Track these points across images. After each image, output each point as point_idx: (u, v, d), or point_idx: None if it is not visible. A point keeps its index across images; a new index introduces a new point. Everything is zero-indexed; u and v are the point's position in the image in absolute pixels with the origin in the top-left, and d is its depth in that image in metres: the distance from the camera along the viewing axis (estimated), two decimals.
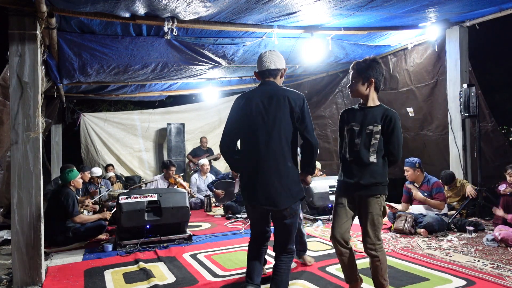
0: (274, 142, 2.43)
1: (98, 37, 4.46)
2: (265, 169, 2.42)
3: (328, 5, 4.13)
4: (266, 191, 2.42)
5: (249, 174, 2.50)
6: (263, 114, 2.46)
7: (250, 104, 2.50)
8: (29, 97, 3.37)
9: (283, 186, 2.42)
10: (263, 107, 2.46)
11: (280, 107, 2.44)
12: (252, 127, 2.47)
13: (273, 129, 2.43)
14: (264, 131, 2.44)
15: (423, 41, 6.28)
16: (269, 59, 2.56)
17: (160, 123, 9.98)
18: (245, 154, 2.53)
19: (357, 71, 2.61)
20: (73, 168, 4.91)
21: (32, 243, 3.35)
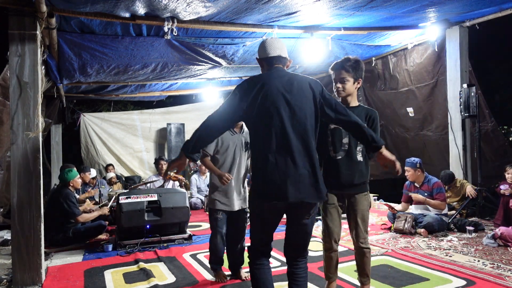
0: (303, 130, 2.13)
1: (98, 37, 4.46)
2: (295, 160, 2.08)
3: (328, 5, 4.13)
4: (297, 184, 2.06)
5: (273, 166, 2.08)
6: (288, 99, 2.13)
7: (270, 89, 2.14)
8: (29, 97, 3.37)
9: (314, 179, 2.12)
10: (286, 92, 2.15)
11: (304, 92, 2.18)
12: (274, 114, 2.11)
13: (300, 116, 2.13)
14: (290, 118, 2.12)
15: (423, 41, 6.28)
16: (279, 46, 2.32)
17: (160, 123, 9.98)
18: (266, 144, 2.10)
19: (348, 71, 2.63)
20: (72, 168, 4.91)
21: (32, 243, 3.35)
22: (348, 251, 4.04)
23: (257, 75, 2.28)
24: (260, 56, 2.34)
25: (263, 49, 2.32)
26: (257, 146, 2.18)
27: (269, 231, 2.28)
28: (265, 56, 2.31)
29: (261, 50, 2.33)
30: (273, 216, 2.22)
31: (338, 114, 2.23)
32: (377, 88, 7.34)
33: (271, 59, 2.29)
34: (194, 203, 7.23)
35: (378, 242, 4.36)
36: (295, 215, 2.19)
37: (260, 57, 2.34)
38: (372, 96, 7.52)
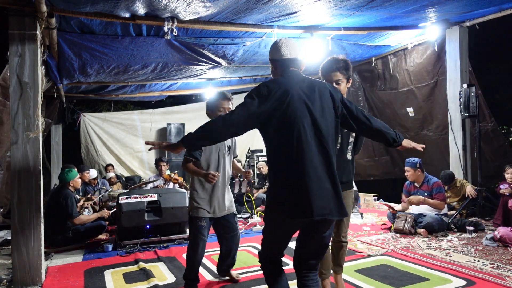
0: (325, 142, 1.99)
1: (98, 37, 4.46)
2: (318, 174, 1.93)
3: (328, 5, 4.13)
4: (321, 200, 1.91)
5: (296, 180, 1.92)
6: (310, 108, 1.99)
7: (292, 97, 1.98)
8: (29, 97, 3.37)
9: (336, 194, 1.98)
10: (308, 100, 2.01)
11: (325, 101, 2.05)
12: (297, 125, 1.96)
13: (322, 127, 2.00)
14: (312, 129, 1.98)
15: (423, 41, 6.28)
16: (295, 47, 2.17)
17: (160, 123, 9.98)
18: (288, 156, 1.95)
19: (341, 72, 2.61)
20: (72, 168, 4.91)
21: (32, 243, 3.35)
22: (348, 251, 4.03)
23: (276, 80, 2.09)
24: (273, 57, 2.18)
25: (277, 50, 2.16)
26: (277, 158, 2.00)
27: (287, 242, 2.15)
28: (279, 58, 2.15)
29: (274, 51, 2.17)
30: (293, 229, 2.08)
31: (361, 124, 2.15)
32: (377, 88, 7.34)
33: (287, 61, 2.14)
34: None
35: (378, 242, 4.36)
36: (316, 228, 2.02)
37: (274, 58, 2.17)
38: (372, 96, 7.51)
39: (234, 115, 1.98)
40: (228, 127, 1.99)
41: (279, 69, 2.16)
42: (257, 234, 4.99)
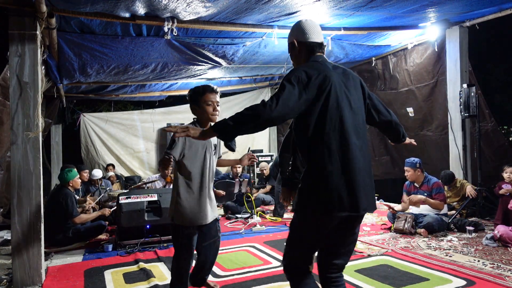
0: (362, 134, 1.90)
1: (98, 37, 4.46)
2: (360, 165, 1.84)
3: (328, 5, 4.13)
4: (365, 193, 1.83)
5: (341, 171, 1.80)
6: (349, 98, 1.88)
7: (334, 84, 1.84)
8: (29, 97, 3.37)
9: (372, 188, 1.92)
10: (346, 89, 1.89)
11: (358, 88, 1.96)
12: (339, 115, 1.83)
13: (358, 118, 1.90)
14: (352, 120, 1.86)
15: (423, 41, 6.28)
16: (320, 31, 2.02)
17: (160, 123, 9.98)
18: (332, 149, 1.80)
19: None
20: (72, 168, 4.91)
21: (32, 243, 3.35)
22: None
23: (311, 65, 1.90)
24: (298, 38, 1.98)
25: (303, 31, 1.98)
26: (318, 150, 1.81)
27: (320, 246, 1.94)
28: (306, 40, 1.97)
29: (299, 32, 1.99)
30: (328, 229, 1.86)
31: (382, 115, 2.07)
32: (377, 88, 7.34)
33: (314, 44, 1.97)
34: None
35: (378, 242, 4.36)
36: (351, 225, 1.90)
37: (299, 39, 1.98)
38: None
39: (279, 103, 1.73)
40: (272, 118, 1.74)
41: (304, 53, 1.99)
42: (257, 234, 4.99)
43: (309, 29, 1.98)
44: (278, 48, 5.39)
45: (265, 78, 8.63)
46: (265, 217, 6.05)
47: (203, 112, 2.62)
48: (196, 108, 2.65)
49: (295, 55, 2.04)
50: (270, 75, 8.27)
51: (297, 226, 1.91)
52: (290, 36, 2.04)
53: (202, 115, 2.64)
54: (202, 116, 2.65)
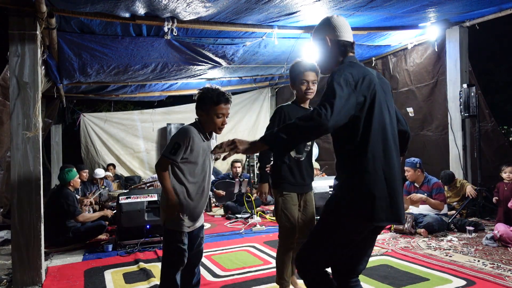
0: (397, 136, 1.85)
1: (98, 37, 4.46)
2: (398, 174, 1.81)
3: (328, 5, 4.13)
4: (402, 202, 1.81)
5: (385, 180, 1.73)
6: (386, 100, 1.81)
7: (377, 87, 1.76)
8: (29, 97, 3.37)
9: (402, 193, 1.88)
10: (383, 90, 1.81)
11: (390, 92, 1.89)
12: (382, 120, 1.75)
13: (394, 123, 1.83)
14: (390, 125, 1.79)
15: (423, 41, 6.28)
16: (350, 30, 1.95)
17: (160, 123, 9.99)
18: (376, 155, 1.72)
19: (318, 74, 2.76)
20: (72, 168, 4.91)
21: (32, 243, 3.35)
22: None
23: (352, 65, 1.78)
24: (331, 36, 1.87)
25: (336, 28, 1.87)
26: (363, 158, 1.72)
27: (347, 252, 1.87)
28: (340, 39, 1.87)
29: (332, 29, 1.87)
30: (362, 236, 1.81)
31: (401, 124, 1.99)
32: None
33: (347, 44, 1.89)
34: None
35: (378, 242, 4.36)
36: (378, 232, 1.88)
37: (332, 38, 1.87)
38: None
39: (334, 110, 1.60)
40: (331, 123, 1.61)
41: (336, 52, 1.87)
42: (257, 234, 4.99)
43: (342, 27, 1.89)
44: (278, 48, 5.39)
45: (265, 78, 8.63)
46: (265, 217, 6.05)
47: (211, 122, 2.42)
48: (203, 115, 2.44)
49: (325, 53, 1.91)
50: (270, 75, 8.27)
51: (330, 230, 1.81)
52: (321, 32, 1.91)
53: (209, 124, 2.44)
54: (208, 125, 2.45)
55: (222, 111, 2.42)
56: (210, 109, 2.40)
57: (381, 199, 1.70)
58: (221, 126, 2.46)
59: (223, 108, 2.42)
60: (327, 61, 1.92)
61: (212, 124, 2.44)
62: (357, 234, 1.79)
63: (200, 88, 2.48)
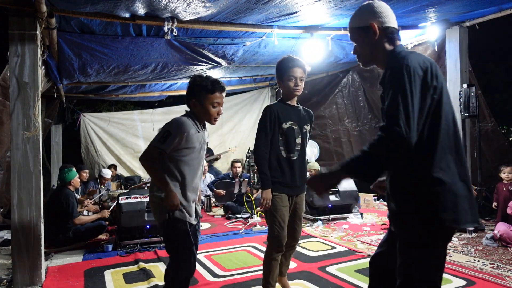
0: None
1: (98, 37, 4.46)
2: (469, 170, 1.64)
3: (328, 5, 4.13)
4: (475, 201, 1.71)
5: (465, 178, 1.55)
6: (447, 91, 1.59)
7: (442, 80, 1.55)
8: (29, 97, 3.37)
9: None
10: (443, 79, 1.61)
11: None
12: (450, 107, 1.56)
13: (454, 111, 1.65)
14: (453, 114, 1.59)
15: (423, 41, 6.27)
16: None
17: (160, 123, 9.95)
18: (452, 154, 1.53)
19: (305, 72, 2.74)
20: (71, 168, 4.91)
21: (32, 243, 3.35)
22: (349, 251, 4.04)
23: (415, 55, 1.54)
24: (377, 22, 1.65)
25: (382, 14, 1.66)
26: (439, 155, 1.50)
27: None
28: (389, 25, 1.65)
29: (377, 15, 1.66)
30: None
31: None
32: (377, 88, 7.34)
33: (395, 31, 1.67)
34: None
35: (378, 242, 4.36)
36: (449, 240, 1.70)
37: (379, 25, 1.65)
38: (372, 96, 7.51)
39: (410, 119, 1.39)
40: (413, 135, 1.40)
41: (384, 40, 1.65)
42: (257, 234, 4.99)
43: (388, 12, 1.67)
44: (278, 48, 5.39)
45: (265, 78, 8.62)
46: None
47: (206, 113, 2.32)
48: (197, 105, 2.31)
49: (371, 42, 1.66)
50: (270, 75, 8.26)
51: (424, 255, 1.51)
52: (363, 19, 1.69)
53: (203, 114, 2.34)
54: (202, 115, 2.34)
55: (217, 100, 2.31)
56: (204, 98, 2.29)
57: (463, 198, 1.50)
58: (217, 116, 2.36)
59: (218, 97, 2.32)
60: (373, 51, 1.68)
61: (207, 115, 2.32)
62: (446, 245, 1.57)
63: (191, 77, 2.33)
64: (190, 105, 2.37)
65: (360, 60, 1.77)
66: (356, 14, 1.75)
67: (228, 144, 9.85)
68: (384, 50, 1.66)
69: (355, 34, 1.73)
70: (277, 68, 2.70)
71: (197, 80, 2.32)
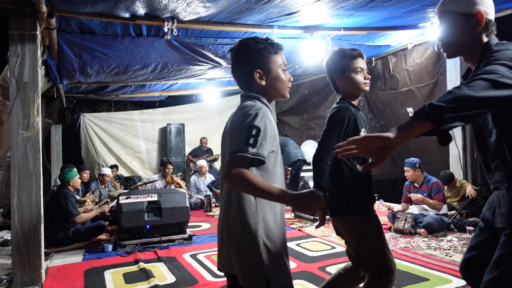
0: None
1: (98, 38, 4.46)
2: None
3: (328, 5, 4.13)
4: None
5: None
6: None
7: None
8: (29, 97, 3.37)
9: None
10: None
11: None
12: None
13: None
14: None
15: (423, 41, 6.27)
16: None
17: (160, 123, 9.99)
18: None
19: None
20: (72, 168, 4.92)
21: (32, 244, 3.35)
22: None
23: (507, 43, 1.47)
24: (483, 11, 1.49)
25: (488, 2, 1.52)
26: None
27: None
28: (491, 19, 1.53)
29: (484, 3, 1.50)
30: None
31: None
32: (377, 88, 7.34)
33: (494, 24, 1.55)
34: (194, 203, 7.24)
35: None
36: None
37: (485, 15, 1.50)
38: (372, 96, 7.52)
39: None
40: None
41: (483, 31, 1.52)
42: None
43: (492, 3, 1.52)
44: None
45: None
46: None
47: (280, 83, 1.62)
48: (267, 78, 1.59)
49: (470, 32, 1.51)
50: None
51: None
52: (469, 4, 1.48)
53: (278, 87, 1.63)
54: (273, 91, 1.63)
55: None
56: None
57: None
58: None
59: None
60: (471, 42, 1.53)
61: (282, 84, 1.62)
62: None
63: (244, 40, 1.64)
64: (256, 79, 1.59)
65: (448, 48, 1.57)
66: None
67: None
68: (481, 43, 1.52)
69: (451, 19, 1.52)
70: (329, 63, 2.15)
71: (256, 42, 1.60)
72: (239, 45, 1.62)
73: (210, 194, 7.24)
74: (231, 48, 1.63)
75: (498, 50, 1.41)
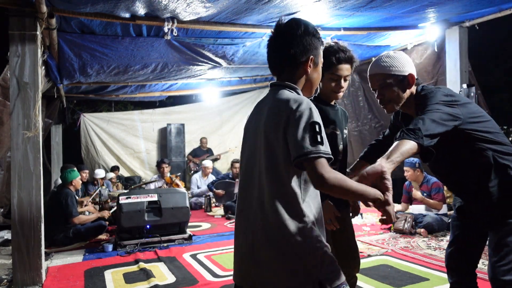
0: None
1: (98, 38, 4.46)
2: None
3: (328, 6, 4.13)
4: None
5: None
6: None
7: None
8: (29, 97, 3.38)
9: None
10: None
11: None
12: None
13: None
14: None
15: (423, 42, 6.28)
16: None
17: (160, 123, 9.99)
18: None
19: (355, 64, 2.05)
20: (74, 169, 4.93)
21: (32, 243, 3.35)
22: None
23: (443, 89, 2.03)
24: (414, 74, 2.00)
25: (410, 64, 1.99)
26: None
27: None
28: (417, 76, 2.06)
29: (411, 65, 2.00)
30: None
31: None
32: None
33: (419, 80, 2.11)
34: (194, 203, 7.24)
35: (378, 242, 4.37)
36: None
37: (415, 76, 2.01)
38: (372, 96, 7.52)
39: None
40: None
41: (413, 86, 2.00)
42: None
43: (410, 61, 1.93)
44: None
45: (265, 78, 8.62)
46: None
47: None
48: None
49: (406, 89, 1.94)
50: (270, 75, 8.27)
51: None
52: (401, 68, 1.89)
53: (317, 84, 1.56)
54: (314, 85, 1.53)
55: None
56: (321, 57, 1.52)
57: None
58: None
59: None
60: (407, 97, 1.99)
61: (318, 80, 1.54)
62: None
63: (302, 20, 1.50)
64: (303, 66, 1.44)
65: (391, 104, 1.91)
66: (393, 61, 1.86)
67: (228, 144, 9.85)
68: (412, 94, 1.95)
69: (388, 80, 1.85)
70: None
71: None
72: (304, 24, 1.45)
73: (210, 194, 7.25)
74: (292, 19, 1.47)
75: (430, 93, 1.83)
